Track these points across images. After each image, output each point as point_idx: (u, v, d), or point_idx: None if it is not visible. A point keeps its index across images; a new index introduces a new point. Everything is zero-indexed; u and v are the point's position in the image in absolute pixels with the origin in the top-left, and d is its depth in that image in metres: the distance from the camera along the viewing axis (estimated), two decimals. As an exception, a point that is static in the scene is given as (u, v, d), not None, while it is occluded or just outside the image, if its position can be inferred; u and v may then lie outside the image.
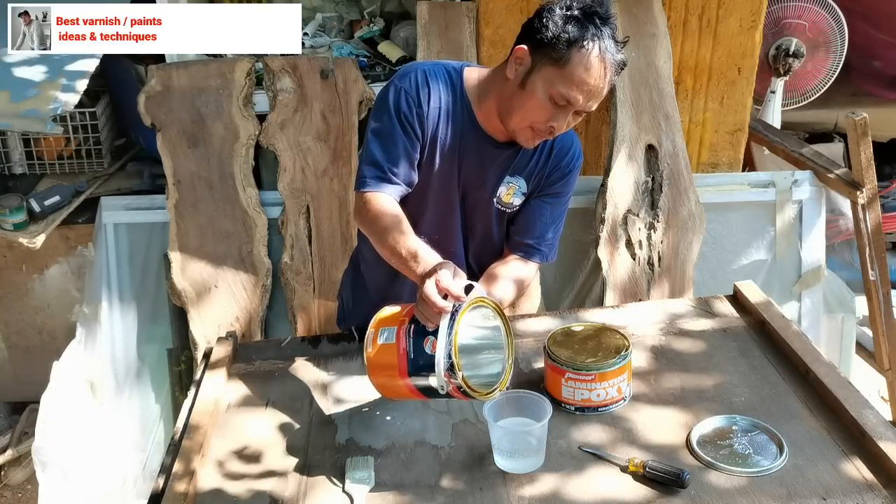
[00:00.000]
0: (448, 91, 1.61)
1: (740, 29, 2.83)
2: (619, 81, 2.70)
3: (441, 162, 1.63)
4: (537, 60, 1.49)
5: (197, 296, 2.60)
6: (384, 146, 1.58)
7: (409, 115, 1.57)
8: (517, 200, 1.71)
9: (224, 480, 1.43)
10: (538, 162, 1.68)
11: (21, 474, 2.83)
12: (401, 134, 1.57)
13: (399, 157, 1.58)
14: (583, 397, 1.53)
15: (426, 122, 1.59)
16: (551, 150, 1.68)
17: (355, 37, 3.25)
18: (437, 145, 1.62)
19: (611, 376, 1.52)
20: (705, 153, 3.00)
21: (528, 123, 1.54)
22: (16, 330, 2.99)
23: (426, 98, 1.58)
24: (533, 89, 1.50)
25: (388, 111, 1.58)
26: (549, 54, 1.47)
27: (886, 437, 1.39)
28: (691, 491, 1.33)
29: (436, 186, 1.66)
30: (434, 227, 1.70)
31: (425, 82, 1.59)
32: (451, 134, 1.61)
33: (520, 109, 1.53)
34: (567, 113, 1.51)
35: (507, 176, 1.67)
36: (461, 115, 1.61)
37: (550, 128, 1.53)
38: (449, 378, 1.31)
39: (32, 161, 2.81)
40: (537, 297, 2.71)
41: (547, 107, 1.50)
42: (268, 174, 2.87)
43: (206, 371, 1.71)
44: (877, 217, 2.77)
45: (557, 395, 1.56)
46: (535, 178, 1.70)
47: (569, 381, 1.53)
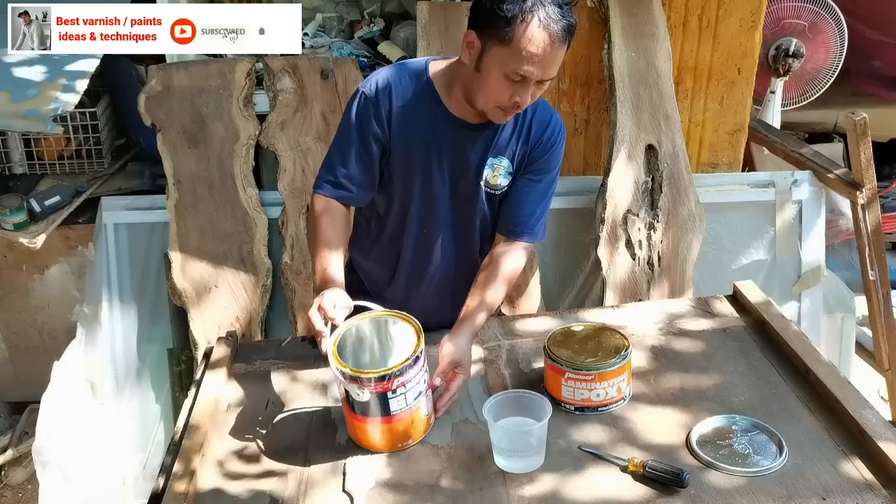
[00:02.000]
0: (413, 88, 1.63)
1: (740, 29, 2.83)
2: (620, 81, 2.71)
3: (418, 157, 1.66)
4: (485, 42, 1.51)
5: (197, 296, 2.60)
6: (341, 152, 1.66)
7: (367, 120, 1.62)
8: (504, 181, 1.72)
9: (224, 480, 1.43)
10: (518, 140, 1.70)
11: (21, 474, 2.83)
12: (356, 140, 1.64)
13: (353, 163, 1.65)
14: (582, 397, 1.53)
15: (389, 122, 1.62)
16: (530, 127, 1.70)
17: (355, 37, 3.25)
18: (409, 142, 1.64)
19: (610, 376, 1.52)
20: (705, 153, 3.00)
21: (494, 103, 1.56)
22: (16, 330, 2.99)
23: (386, 99, 1.62)
24: (488, 71, 1.52)
25: (348, 117, 1.65)
26: (494, 34, 1.48)
27: (886, 437, 1.39)
28: (691, 491, 1.33)
29: (420, 181, 1.69)
30: (422, 221, 1.73)
31: (386, 85, 1.62)
32: (422, 128, 1.64)
33: (481, 91, 1.55)
34: (527, 86, 1.52)
35: (489, 157, 1.69)
36: (430, 107, 1.64)
37: (515, 103, 1.54)
38: (346, 379, 1.41)
39: (33, 161, 2.81)
40: (537, 297, 2.71)
41: (505, 85, 1.52)
42: (268, 174, 2.87)
43: (206, 371, 1.72)
44: (876, 217, 2.77)
45: (557, 394, 1.56)
46: (518, 156, 1.71)
47: (568, 381, 1.53)
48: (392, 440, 1.47)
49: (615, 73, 2.72)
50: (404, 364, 1.40)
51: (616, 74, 2.72)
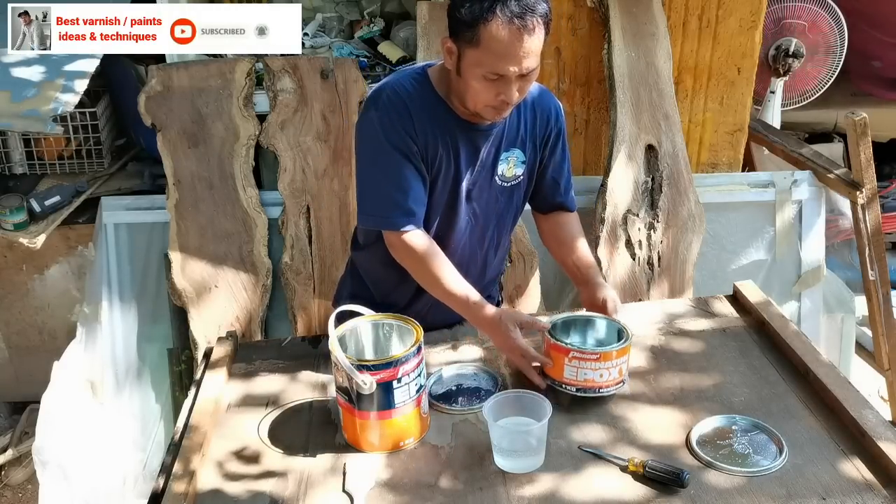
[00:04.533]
0: (421, 96, 1.62)
1: (740, 29, 2.83)
2: (620, 81, 2.71)
3: (438, 161, 1.65)
4: (460, 47, 1.51)
5: (197, 296, 2.60)
6: (394, 178, 1.61)
7: (401, 139, 1.59)
8: (519, 171, 1.74)
9: (224, 480, 1.43)
10: (526, 127, 1.71)
11: (21, 474, 2.83)
12: (403, 164, 1.60)
13: (412, 188, 1.61)
14: (585, 377, 1.53)
15: (417, 136, 1.60)
16: (534, 112, 1.72)
17: (355, 37, 3.25)
18: (431, 148, 1.63)
19: (614, 356, 1.53)
20: (705, 153, 3.00)
21: (482, 104, 1.56)
22: (16, 330, 2.99)
23: (406, 113, 1.59)
24: (467, 75, 1.52)
25: (379, 144, 1.60)
26: (463, 39, 1.49)
27: (886, 437, 1.39)
28: (691, 491, 1.33)
29: (439, 185, 1.68)
30: (437, 224, 1.72)
31: (399, 99, 1.60)
32: (439, 133, 1.63)
33: (467, 94, 1.56)
34: (509, 83, 1.51)
35: (502, 152, 1.70)
36: (440, 112, 1.63)
37: (502, 101, 1.54)
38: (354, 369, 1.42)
39: (33, 161, 2.81)
40: (537, 297, 2.72)
41: (486, 85, 1.51)
42: (268, 174, 2.87)
43: (206, 371, 1.72)
44: (876, 217, 2.77)
45: (559, 376, 1.55)
46: (529, 143, 1.73)
47: (573, 361, 1.53)
48: (393, 438, 1.47)
49: (615, 73, 2.72)
50: (408, 352, 1.43)
51: (616, 74, 2.72)
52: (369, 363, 1.42)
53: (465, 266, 1.79)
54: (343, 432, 1.51)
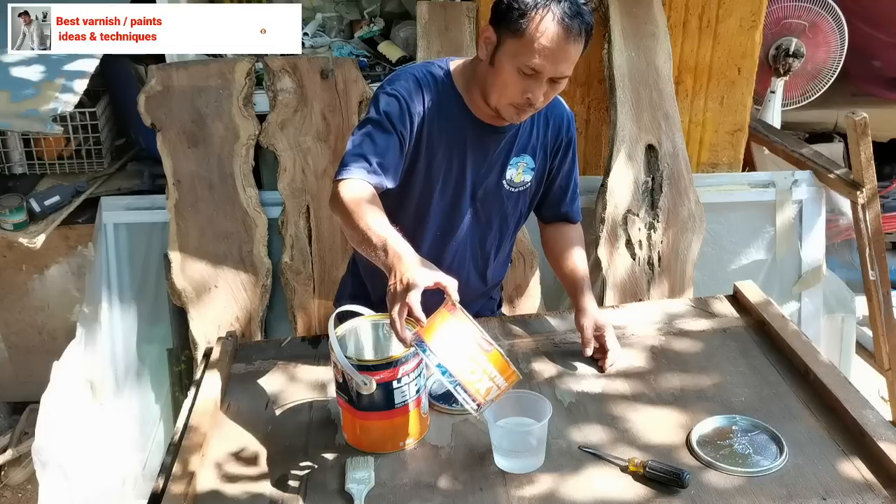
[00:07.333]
0: (438, 90, 1.63)
1: (740, 29, 2.83)
2: (620, 81, 2.71)
3: (443, 157, 1.65)
4: (501, 36, 1.52)
5: (197, 296, 2.60)
6: (370, 140, 1.55)
7: (398, 117, 1.58)
8: (528, 177, 1.75)
9: (224, 481, 1.43)
10: (539, 135, 1.73)
11: (21, 474, 2.83)
12: (385, 131, 1.56)
13: (383, 149, 1.55)
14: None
15: (417, 123, 1.60)
16: (547, 122, 1.74)
17: (355, 37, 3.25)
18: (435, 143, 1.63)
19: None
20: (705, 153, 3.00)
21: (507, 100, 1.56)
22: (16, 330, 2.99)
23: (417, 100, 1.60)
24: (501, 65, 1.53)
25: (376, 112, 1.58)
26: (509, 27, 1.50)
27: (886, 438, 1.39)
28: (691, 491, 1.33)
29: (441, 182, 1.67)
30: (439, 223, 1.72)
31: (416, 86, 1.61)
32: (448, 129, 1.63)
33: (494, 87, 1.55)
34: (540, 83, 1.52)
35: (512, 157, 1.71)
36: (455, 109, 1.63)
37: (528, 100, 1.54)
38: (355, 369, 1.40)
39: (32, 161, 2.81)
40: (537, 297, 2.71)
41: (517, 80, 1.52)
42: (268, 174, 2.87)
43: (206, 371, 1.71)
44: (877, 217, 2.77)
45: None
46: (540, 151, 1.74)
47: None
48: (393, 438, 1.47)
49: (615, 72, 2.72)
50: (408, 352, 1.42)
51: (616, 74, 2.72)
52: (369, 363, 1.42)
53: (464, 267, 1.79)
54: (343, 432, 1.51)
